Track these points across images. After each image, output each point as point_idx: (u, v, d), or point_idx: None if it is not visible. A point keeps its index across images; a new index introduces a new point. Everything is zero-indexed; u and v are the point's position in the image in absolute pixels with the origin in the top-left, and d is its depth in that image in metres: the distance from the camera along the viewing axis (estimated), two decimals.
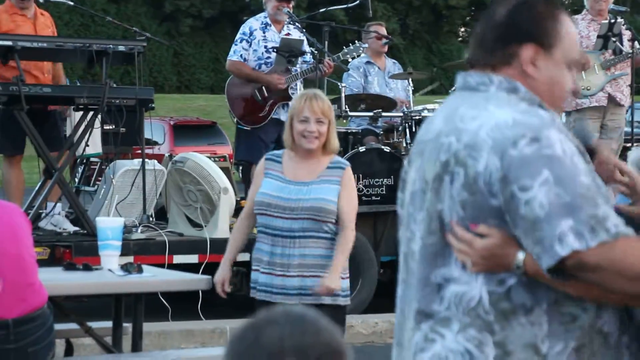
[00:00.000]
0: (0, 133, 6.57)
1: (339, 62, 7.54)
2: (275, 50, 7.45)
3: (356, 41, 7.75)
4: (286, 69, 7.44)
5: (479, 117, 2.00)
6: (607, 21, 7.85)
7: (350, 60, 7.61)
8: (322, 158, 4.35)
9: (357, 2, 8.65)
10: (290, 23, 7.60)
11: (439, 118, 2.09)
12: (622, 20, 7.92)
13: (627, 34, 7.87)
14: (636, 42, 7.86)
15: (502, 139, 1.94)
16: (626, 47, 7.82)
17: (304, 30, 7.65)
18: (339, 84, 8.00)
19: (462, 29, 39.20)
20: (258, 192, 4.33)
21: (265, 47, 7.47)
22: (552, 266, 1.92)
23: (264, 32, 7.50)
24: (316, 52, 7.42)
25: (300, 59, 7.54)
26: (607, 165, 2.17)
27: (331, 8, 10.51)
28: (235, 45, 7.53)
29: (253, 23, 7.56)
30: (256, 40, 7.47)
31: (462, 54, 23.80)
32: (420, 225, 2.05)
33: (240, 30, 7.58)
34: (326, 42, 7.78)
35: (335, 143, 4.38)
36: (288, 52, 7.45)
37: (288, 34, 7.53)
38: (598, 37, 7.84)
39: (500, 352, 1.96)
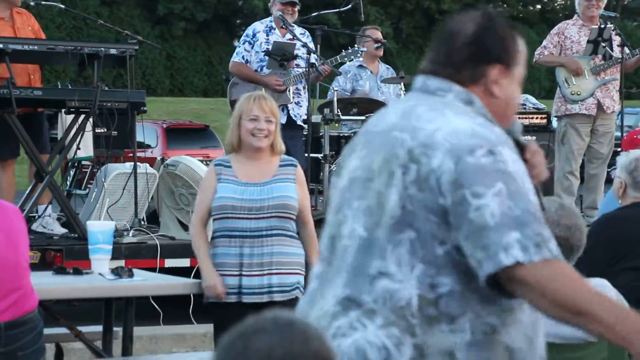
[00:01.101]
0: None
1: (332, 67, 7.54)
2: (267, 53, 7.48)
3: (356, 45, 7.75)
4: (283, 72, 7.48)
5: (436, 120, 2.07)
6: (597, 26, 7.86)
7: (349, 61, 7.64)
8: (272, 158, 4.46)
9: (350, 6, 8.66)
10: (296, 28, 7.63)
11: (393, 113, 2.16)
12: (612, 25, 7.93)
13: (616, 40, 7.89)
14: (625, 48, 7.88)
15: (460, 145, 2.01)
16: (616, 52, 7.84)
17: (305, 35, 7.66)
18: (331, 87, 7.99)
19: None
20: (215, 197, 4.38)
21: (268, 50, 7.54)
22: (491, 273, 1.98)
23: (267, 36, 7.57)
24: (317, 57, 7.43)
25: (293, 62, 7.56)
26: (538, 158, 2.22)
27: (324, 12, 10.52)
28: (238, 47, 7.66)
29: (257, 26, 7.66)
30: (258, 43, 7.55)
31: None
32: (359, 213, 2.09)
33: (245, 33, 7.69)
34: (318, 46, 7.79)
35: (281, 144, 4.48)
36: (280, 55, 7.47)
37: (292, 39, 7.56)
38: (588, 42, 7.85)
39: (416, 354, 2.01)
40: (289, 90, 7.47)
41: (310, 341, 1.45)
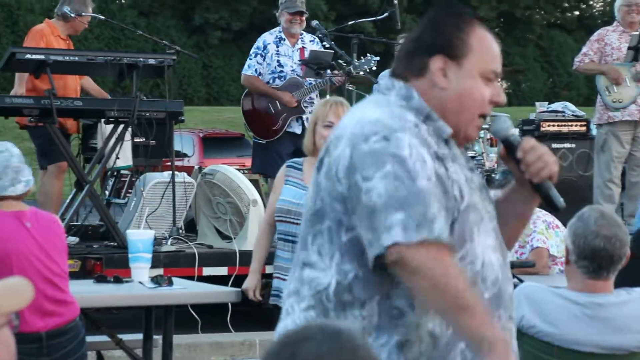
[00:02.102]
0: (41, 147, 6.65)
1: (366, 74, 7.54)
2: (303, 62, 7.51)
3: (368, 55, 7.74)
4: (298, 83, 7.52)
5: (354, 114, 2.14)
6: (637, 33, 7.80)
7: (361, 73, 7.61)
8: None
9: (386, 14, 8.66)
10: (306, 36, 7.66)
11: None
12: None
13: None
14: None
15: (358, 133, 2.06)
16: None
17: (325, 42, 7.68)
18: (367, 96, 7.99)
19: None
20: (278, 199, 4.38)
21: (278, 61, 7.59)
22: (378, 255, 2.00)
23: (277, 46, 7.60)
24: (344, 64, 7.45)
25: (328, 71, 7.58)
26: (532, 155, 2.17)
27: (360, 20, 10.53)
28: (250, 59, 7.65)
29: (267, 37, 7.67)
30: (270, 54, 7.58)
31: None
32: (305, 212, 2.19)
33: (255, 45, 7.71)
34: (355, 55, 7.80)
35: None
36: (316, 64, 7.49)
37: (303, 48, 7.58)
38: (629, 48, 7.78)
39: None
40: (309, 101, 7.52)
41: (357, 350, 1.45)
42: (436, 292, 1.98)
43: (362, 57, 7.65)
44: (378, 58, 7.90)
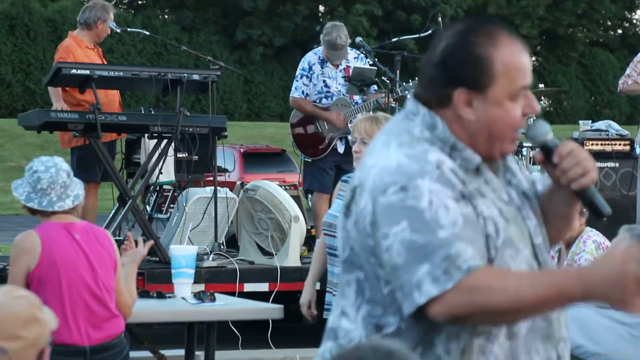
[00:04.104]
0: (78, 161, 6.69)
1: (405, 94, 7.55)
2: (347, 79, 7.54)
3: (417, 78, 7.73)
4: (346, 103, 7.56)
5: (377, 156, 2.05)
6: None
7: (408, 96, 7.60)
8: None
9: (429, 32, 8.64)
10: (360, 53, 7.69)
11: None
12: None
13: None
14: None
15: (378, 184, 1.99)
16: None
17: (369, 58, 7.70)
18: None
19: (533, 59, 38.85)
20: (326, 213, 4.48)
21: (324, 81, 7.65)
22: (411, 313, 1.94)
23: (322, 67, 7.65)
24: (387, 81, 7.45)
25: (372, 88, 7.60)
26: (569, 161, 2.07)
27: (402, 37, 10.52)
28: (297, 81, 7.72)
29: (311, 58, 7.72)
30: (315, 75, 7.65)
31: (535, 83, 23.61)
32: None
33: (300, 66, 7.75)
34: (397, 71, 7.79)
35: None
36: (360, 81, 7.50)
37: (347, 67, 7.61)
38: None
39: None
40: (348, 121, 7.55)
41: None
42: (505, 313, 1.92)
43: (410, 80, 7.68)
44: None
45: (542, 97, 8.41)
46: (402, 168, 1.98)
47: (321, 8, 35.27)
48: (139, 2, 35.78)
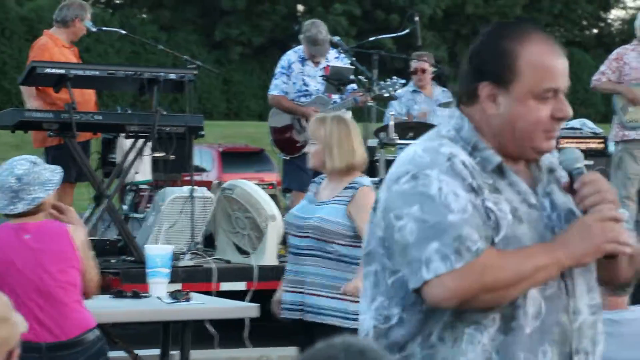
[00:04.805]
0: (53, 161, 6.64)
1: (389, 92, 7.55)
2: (325, 78, 7.54)
3: (394, 77, 7.73)
4: (324, 101, 7.55)
5: (404, 152, 2.15)
6: None
7: (386, 95, 7.61)
8: (344, 178, 4.47)
9: (407, 31, 8.66)
10: (330, 52, 7.70)
11: None
12: None
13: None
14: None
15: (393, 174, 2.09)
16: None
17: (347, 57, 7.71)
18: (385, 111, 8.00)
19: None
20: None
21: (303, 80, 7.64)
22: (416, 288, 2.01)
23: (302, 65, 7.65)
24: (365, 80, 7.47)
25: (350, 87, 7.61)
26: (588, 189, 2.09)
27: (380, 37, 10.53)
28: (275, 79, 7.71)
29: (291, 56, 7.72)
30: (294, 73, 7.64)
31: None
32: None
33: (279, 64, 7.74)
34: (375, 71, 7.80)
35: (336, 162, 4.43)
36: (337, 80, 7.51)
37: (327, 66, 7.61)
38: None
39: None
40: None
41: None
42: (506, 287, 1.99)
43: (387, 79, 7.66)
44: (404, 81, 7.89)
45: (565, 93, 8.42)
46: (415, 159, 2.07)
47: (300, 7, 35.27)
48: (117, 2, 35.66)
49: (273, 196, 7.57)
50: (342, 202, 4.40)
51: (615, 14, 39.42)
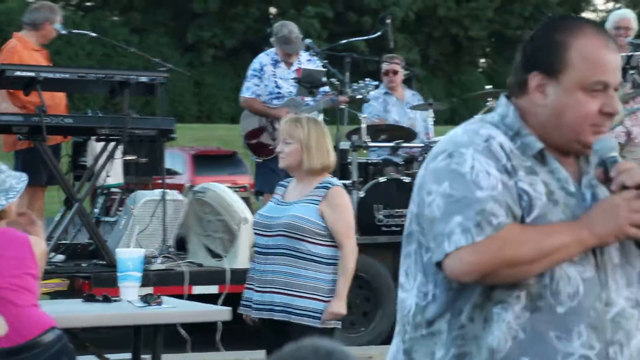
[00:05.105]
0: (23, 164, 6.60)
1: (362, 95, 7.56)
2: (297, 80, 7.54)
3: (366, 79, 7.75)
4: (297, 103, 7.55)
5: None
6: (625, 54, 7.82)
7: (358, 97, 7.63)
8: (314, 179, 4.48)
9: (379, 33, 8.68)
10: (303, 55, 7.71)
11: None
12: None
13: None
14: None
15: (432, 152, 2.13)
16: None
17: (318, 60, 7.72)
18: (358, 114, 8.01)
19: (482, 60, 39.21)
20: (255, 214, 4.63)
21: (276, 82, 7.63)
22: (439, 261, 2.03)
23: (274, 68, 7.65)
24: (337, 82, 7.47)
25: (323, 90, 7.61)
26: (626, 175, 2.08)
27: (352, 39, 10.55)
28: (247, 81, 7.71)
29: (263, 58, 7.72)
30: (267, 76, 7.64)
31: (483, 84, 23.81)
32: None
33: (251, 67, 7.74)
34: (347, 73, 7.81)
35: (312, 163, 4.45)
36: (309, 82, 7.51)
37: (299, 69, 7.61)
38: None
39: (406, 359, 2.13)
40: None
41: None
42: (529, 263, 2.00)
43: (360, 81, 7.67)
44: (377, 83, 7.89)
45: (490, 98, 8.49)
46: (454, 139, 2.11)
47: (272, 10, 35.27)
48: (88, 4, 35.46)
49: (246, 199, 7.56)
50: (314, 201, 4.40)
51: (586, 16, 39.70)
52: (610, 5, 41.25)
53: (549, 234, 2.02)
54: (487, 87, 9.35)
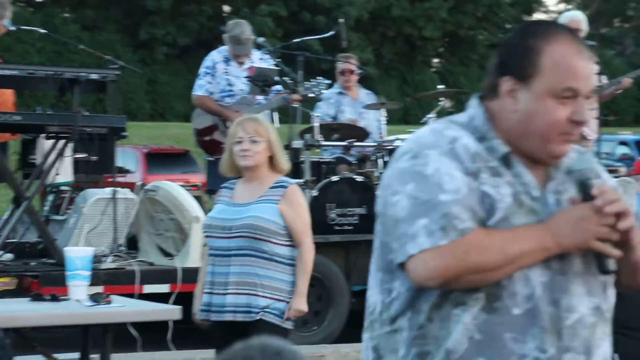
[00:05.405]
0: None
1: (315, 94, 7.56)
2: (249, 79, 7.53)
3: (319, 77, 7.76)
4: (249, 102, 7.54)
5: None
6: None
7: (310, 96, 7.64)
8: (267, 179, 4.47)
9: (332, 32, 8.69)
10: (255, 53, 7.70)
11: None
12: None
13: (594, 68, 7.92)
14: (603, 76, 7.91)
15: (398, 152, 2.14)
16: (594, 81, 7.89)
17: (271, 59, 7.72)
18: (311, 113, 8.01)
19: (436, 60, 39.44)
20: (206, 218, 4.57)
21: (228, 80, 7.62)
22: (401, 262, 2.04)
23: (226, 65, 7.63)
24: (290, 81, 7.47)
25: (275, 88, 7.61)
26: (607, 196, 2.05)
27: (306, 38, 10.55)
28: (200, 79, 7.68)
29: (215, 56, 7.70)
30: (219, 73, 7.63)
31: (436, 84, 23.96)
32: None
33: (203, 64, 7.72)
34: (300, 72, 7.81)
35: (281, 162, 4.48)
36: (262, 81, 7.49)
37: (252, 67, 7.60)
38: None
39: (375, 356, 2.14)
40: None
41: None
42: (494, 269, 1.99)
43: (312, 80, 7.67)
44: (329, 81, 7.91)
45: (442, 98, 8.54)
46: (420, 139, 2.11)
47: (226, 8, 35.15)
48: (38, 0, 35.06)
49: (198, 198, 7.52)
50: (274, 200, 4.39)
51: (538, 17, 40.14)
52: (562, 6, 41.75)
53: (514, 240, 2.02)
54: (440, 86, 9.41)
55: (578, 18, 8.08)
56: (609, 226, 2.04)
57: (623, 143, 20.84)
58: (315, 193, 7.23)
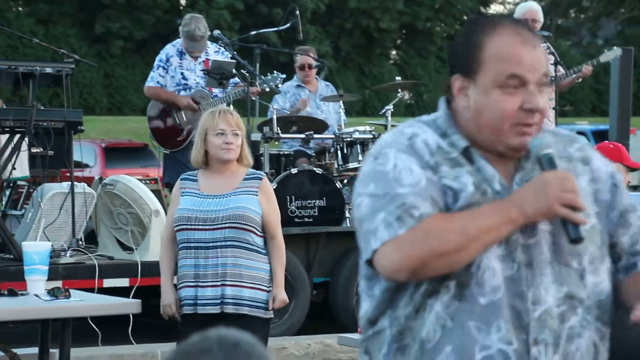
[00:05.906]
0: None
1: (272, 87, 7.56)
2: (206, 72, 7.51)
3: (275, 72, 7.76)
4: (204, 95, 7.54)
5: None
6: None
7: (267, 90, 7.65)
8: (238, 171, 4.48)
9: (289, 25, 8.69)
10: (210, 47, 7.70)
11: None
12: (547, 44, 8.06)
13: (551, 59, 8.01)
14: (560, 67, 7.99)
15: (365, 156, 2.31)
16: (550, 71, 7.96)
17: (228, 51, 7.71)
18: (269, 105, 8.01)
19: (394, 52, 39.56)
20: (176, 209, 4.44)
21: (182, 73, 7.62)
22: (368, 259, 2.05)
23: (180, 59, 7.62)
24: (247, 74, 7.46)
25: (233, 81, 7.60)
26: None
27: (263, 31, 10.55)
28: (153, 72, 7.69)
29: (169, 50, 7.69)
30: (173, 67, 7.61)
31: (394, 76, 24.04)
32: None
33: (157, 57, 7.72)
34: (257, 65, 7.80)
35: (250, 156, 4.53)
36: (219, 74, 7.48)
37: (207, 60, 7.59)
38: None
39: (367, 358, 2.16)
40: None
41: None
42: (457, 251, 1.98)
43: (268, 74, 7.66)
44: (284, 75, 7.92)
45: (400, 90, 8.58)
46: (381, 141, 2.15)
47: (182, 1, 34.94)
48: None
49: (157, 191, 7.50)
50: (252, 192, 4.41)
51: (495, 9, 40.41)
52: None
53: (475, 217, 2.00)
54: (398, 78, 9.46)
55: (534, 9, 8.15)
56: (572, 192, 2.02)
57: (580, 133, 21.09)
58: (274, 186, 7.24)
